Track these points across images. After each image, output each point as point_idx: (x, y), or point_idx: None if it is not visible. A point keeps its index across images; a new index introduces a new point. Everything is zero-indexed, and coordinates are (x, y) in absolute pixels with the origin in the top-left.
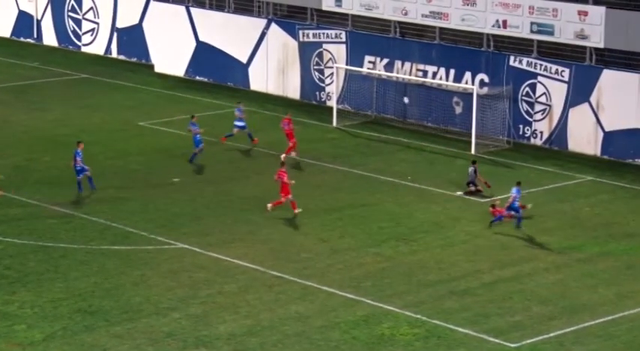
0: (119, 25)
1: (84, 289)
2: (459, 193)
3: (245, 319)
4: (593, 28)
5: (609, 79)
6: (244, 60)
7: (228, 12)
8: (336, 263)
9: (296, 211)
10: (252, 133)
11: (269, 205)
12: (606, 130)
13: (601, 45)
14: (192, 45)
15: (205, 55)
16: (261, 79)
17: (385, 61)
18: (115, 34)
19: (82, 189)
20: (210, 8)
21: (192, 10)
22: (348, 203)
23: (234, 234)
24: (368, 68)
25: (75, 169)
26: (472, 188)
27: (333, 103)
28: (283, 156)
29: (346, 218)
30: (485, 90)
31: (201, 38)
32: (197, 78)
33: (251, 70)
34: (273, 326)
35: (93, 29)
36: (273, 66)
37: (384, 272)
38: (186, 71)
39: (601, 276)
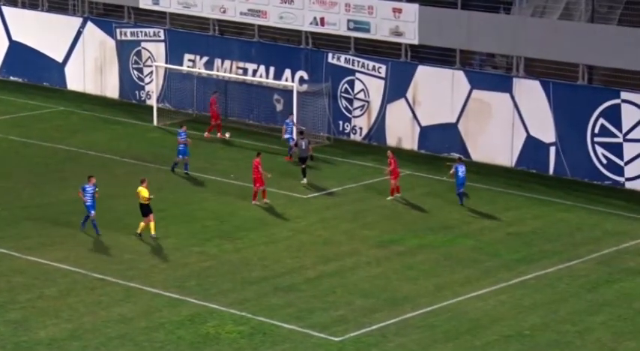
0: None
1: None
2: (304, 181)
3: (66, 323)
4: (408, 25)
5: (424, 74)
6: (60, 59)
7: (42, 10)
8: (160, 263)
9: (266, 200)
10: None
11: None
12: (422, 125)
13: (415, 41)
14: (4, 44)
15: (19, 54)
16: (79, 78)
17: (205, 59)
18: None
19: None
20: (23, 7)
21: (4, 8)
22: (171, 203)
23: (53, 237)
24: (188, 66)
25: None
26: (303, 166)
27: (153, 101)
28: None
29: (169, 218)
30: (305, 87)
31: (15, 37)
32: (11, 78)
33: (67, 69)
34: (95, 329)
35: None
36: (90, 65)
37: (209, 271)
38: None
39: (420, 268)
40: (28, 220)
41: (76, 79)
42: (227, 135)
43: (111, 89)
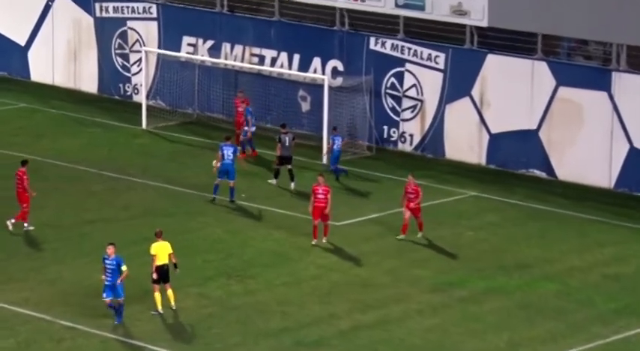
0: None
1: None
2: (272, 180)
3: None
4: (474, 3)
5: (495, 66)
6: (22, 42)
7: None
8: (148, 309)
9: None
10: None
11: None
12: (492, 132)
13: (484, 23)
14: None
15: None
16: (46, 66)
17: (210, 43)
18: None
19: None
20: None
21: None
22: (163, 229)
23: (11, 272)
24: (187, 53)
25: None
26: (286, 167)
27: (142, 98)
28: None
29: None
30: (339, 81)
31: None
32: None
33: (32, 55)
34: None
35: None
36: (61, 50)
37: (211, 319)
38: None
39: (488, 319)
40: None
41: (42, 68)
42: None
43: (87, 81)
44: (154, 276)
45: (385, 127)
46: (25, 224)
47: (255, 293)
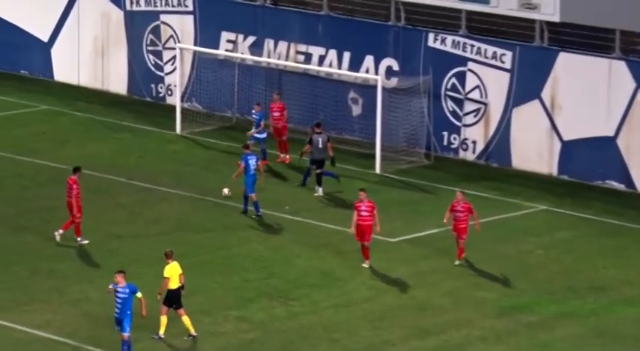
0: None
1: None
2: (318, 193)
3: None
4: None
5: (568, 65)
6: (45, 38)
7: None
8: (182, 333)
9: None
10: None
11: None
12: (565, 139)
13: (556, 18)
14: None
15: None
16: (71, 65)
17: (251, 39)
18: None
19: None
20: None
21: None
22: (197, 246)
23: (31, 292)
24: (226, 50)
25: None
26: (318, 171)
27: (176, 100)
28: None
29: (196, 267)
30: (394, 82)
31: None
32: None
33: (55, 52)
34: None
35: None
36: (87, 47)
37: (253, 345)
38: None
39: (559, 347)
40: None
41: (66, 67)
42: (226, 191)
43: (116, 81)
44: (162, 300)
45: (445, 133)
46: (79, 238)
47: (300, 317)
